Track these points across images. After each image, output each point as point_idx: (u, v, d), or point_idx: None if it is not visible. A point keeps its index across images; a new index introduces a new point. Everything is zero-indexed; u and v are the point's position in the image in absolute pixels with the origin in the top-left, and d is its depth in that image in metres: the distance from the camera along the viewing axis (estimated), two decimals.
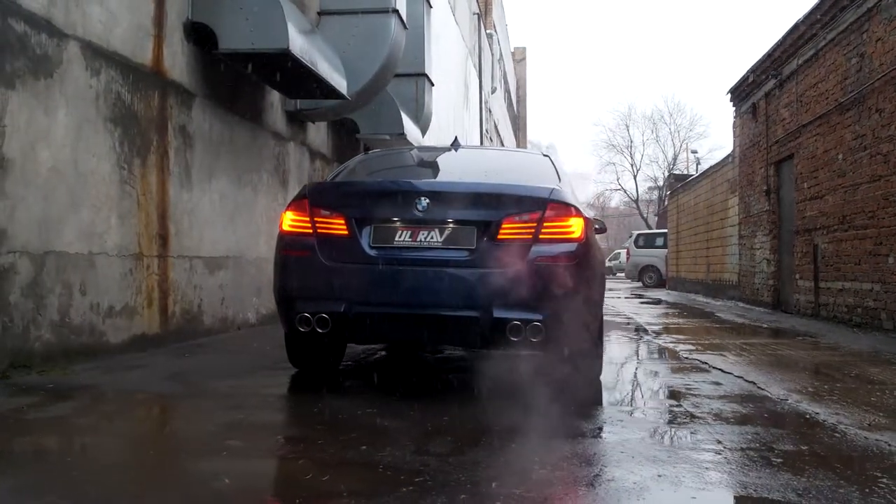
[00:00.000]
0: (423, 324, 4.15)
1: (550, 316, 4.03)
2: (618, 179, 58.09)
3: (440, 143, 19.65)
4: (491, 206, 4.18)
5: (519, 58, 63.86)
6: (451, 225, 4.16)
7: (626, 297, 17.11)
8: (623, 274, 32.08)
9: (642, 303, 14.80)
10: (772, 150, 12.26)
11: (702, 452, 3.00)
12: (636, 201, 54.88)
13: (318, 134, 10.43)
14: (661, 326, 9.10)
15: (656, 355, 6.50)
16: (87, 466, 2.78)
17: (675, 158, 52.17)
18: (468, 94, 30.46)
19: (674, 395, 4.45)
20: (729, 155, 15.54)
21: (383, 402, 4.03)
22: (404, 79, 12.93)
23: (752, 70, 12.83)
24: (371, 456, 2.88)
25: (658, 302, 15.16)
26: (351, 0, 9.27)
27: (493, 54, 40.84)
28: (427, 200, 4.15)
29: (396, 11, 9.28)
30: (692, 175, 22.10)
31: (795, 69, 11.07)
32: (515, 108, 61.60)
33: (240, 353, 6.06)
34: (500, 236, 4.10)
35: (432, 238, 4.16)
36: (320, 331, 4.17)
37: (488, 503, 2.32)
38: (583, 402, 4.09)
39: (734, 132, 14.85)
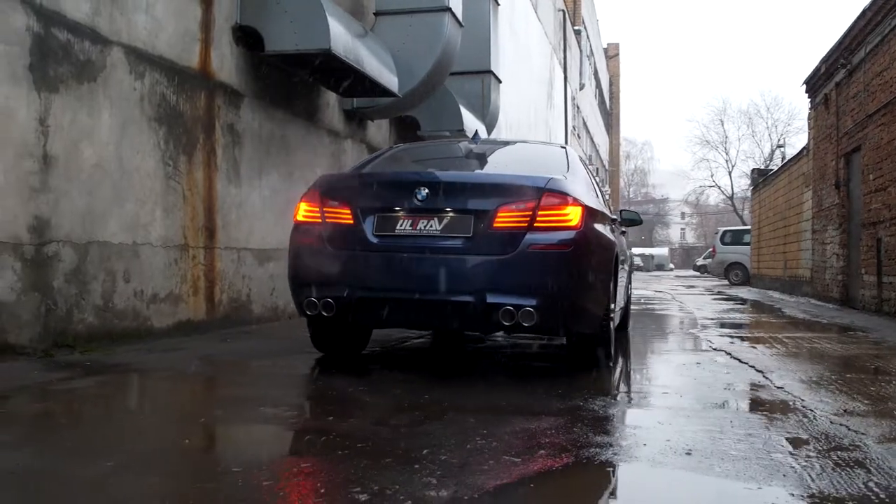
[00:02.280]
0: (420, 308, 4.33)
1: (543, 302, 4.14)
2: (712, 176, 56.68)
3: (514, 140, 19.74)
4: (487, 195, 4.32)
5: (612, 54, 63.08)
6: (449, 214, 4.32)
7: (700, 294, 16.81)
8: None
9: (714, 299, 14.51)
10: (842, 141, 11.86)
11: (651, 432, 3.07)
12: (731, 198, 53.38)
13: (378, 132, 10.72)
14: (715, 321, 8.98)
15: (688, 346, 6.48)
16: (75, 426, 3.09)
17: (771, 154, 50.53)
18: (552, 92, 30.36)
19: (672, 382, 4.49)
20: (804, 148, 15.07)
21: (378, 383, 4.24)
22: (470, 76, 13.15)
23: (824, 60, 12.42)
24: (331, 425, 3.09)
25: (730, 299, 14.83)
26: (405, 0, 9.51)
27: (581, 50, 40.51)
28: (426, 190, 4.32)
29: (449, 9, 9.47)
30: (772, 170, 21.44)
31: (863, 58, 10.68)
32: (608, 105, 60.88)
33: (280, 339, 6.36)
34: (495, 224, 4.24)
35: (431, 226, 4.33)
36: (326, 314, 4.41)
37: (407, 465, 2.47)
38: (574, 387, 4.15)
39: (809, 125, 14.39)
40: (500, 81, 13.87)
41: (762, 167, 29.88)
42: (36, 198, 4.77)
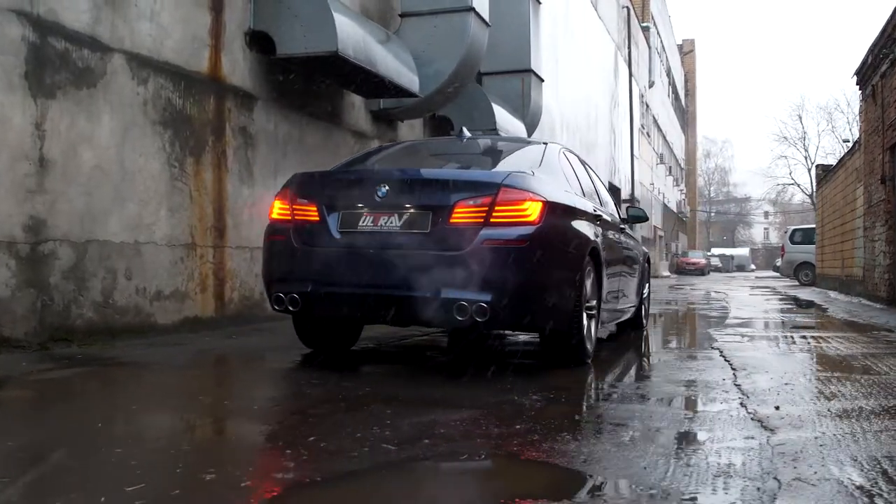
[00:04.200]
0: (379, 303, 4.41)
1: (497, 298, 4.15)
2: (790, 174, 55.01)
3: (566, 140, 19.59)
4: (446, 191, 4.38)
5: (687, 50, 61.79)
6: (409, 210, 4.39)
7: (757, 295, 16.36)
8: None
9: (766, 299, 14.10)
10: (887, 134, 11.39)
11: (554, 425, 3.02)
12: (811, 196, 51.63)
13: (411, 132, 10.85)
14: (743, 322, 8.75)
15: (688, 344, 6.37)
16: (32, 412, 3.28)
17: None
18: (617, 90, 30.01)
19: (632, 379, 4.45)
20: (856, 142, 14.52)
21: (335, 376, 4.32)
22: (509, 75, 13.19)
23: (871, 50, 11.94)
24: (262, 411, 3.24)
25: (784, 299, 14.40)
26: (429, 0, 9.61)
27: (650, 47, 39.91)
28: (386, 187, 4.41)
29: (473, 9, 9.52)
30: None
31: None
32: (683, 102, 59.69)
33: (286, 336, 6.47)
34: (451, 220, 4.28)
35: (391, 223, 4.41)
36: (292, 309, 4.54)
37: (281, 450, 2.56)
38: (528, 383, 4.12)
39: (860, 118, 13.86)
40: (541, 80, 13.84)
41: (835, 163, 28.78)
42: (31, 199, 5.03)
